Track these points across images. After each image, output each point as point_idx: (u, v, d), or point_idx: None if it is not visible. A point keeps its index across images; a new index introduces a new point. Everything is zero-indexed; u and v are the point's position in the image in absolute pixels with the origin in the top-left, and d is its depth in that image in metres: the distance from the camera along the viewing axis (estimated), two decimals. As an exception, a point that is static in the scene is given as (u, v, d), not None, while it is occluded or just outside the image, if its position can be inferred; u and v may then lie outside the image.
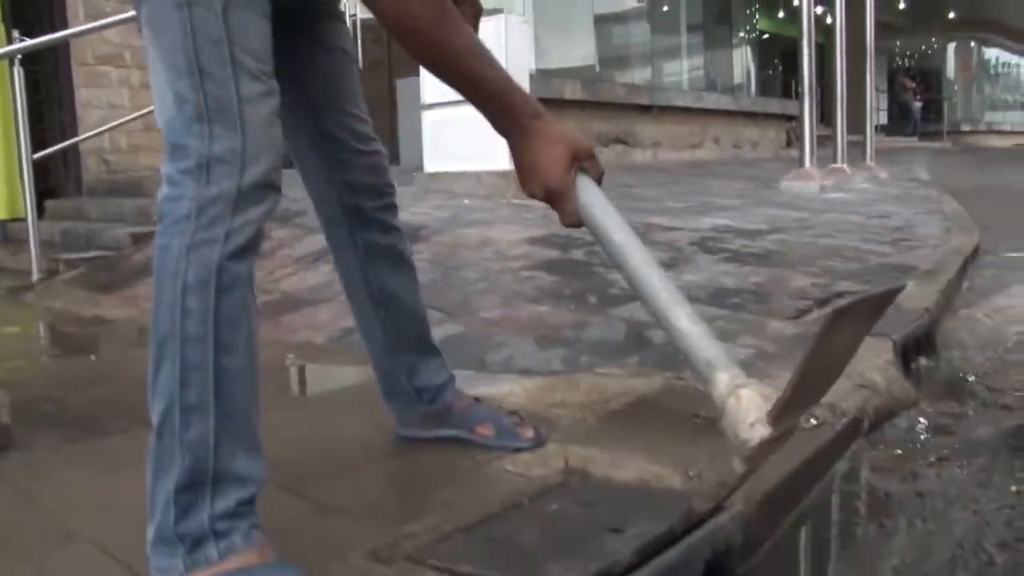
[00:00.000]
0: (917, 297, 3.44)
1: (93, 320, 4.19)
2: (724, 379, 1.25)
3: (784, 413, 1.15)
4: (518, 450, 1.93)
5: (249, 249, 1.37)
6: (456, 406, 2.04)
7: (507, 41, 5.81)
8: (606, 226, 1.45)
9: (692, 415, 2.16)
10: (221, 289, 1.30)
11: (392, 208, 1.97)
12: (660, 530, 1.45)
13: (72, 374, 3.16)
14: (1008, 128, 26.48)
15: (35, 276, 5.33)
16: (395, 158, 8.52)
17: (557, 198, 1.47)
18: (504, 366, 2.72)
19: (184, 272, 1.29)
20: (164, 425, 1.32)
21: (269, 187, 1.37)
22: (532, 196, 1.50)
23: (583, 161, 1.48)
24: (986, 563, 1.51)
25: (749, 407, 1.17)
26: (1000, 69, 32.71)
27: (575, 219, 1.48)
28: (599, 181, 1.50)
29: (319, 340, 3.24)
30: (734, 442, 1.20)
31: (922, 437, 2.27)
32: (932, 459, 2.08)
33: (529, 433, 1.98)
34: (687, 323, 1.33)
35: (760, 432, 1.15)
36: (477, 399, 2.11)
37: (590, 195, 1.47)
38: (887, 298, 1.25)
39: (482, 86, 1.46)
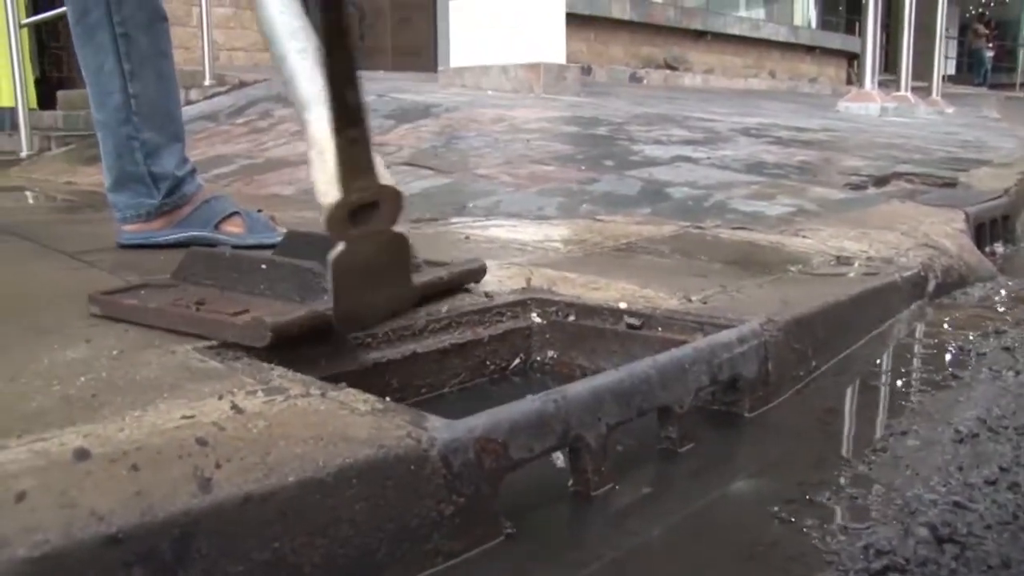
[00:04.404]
0: (993, 178, 2.91)
1: (61, 185, 3.80)
2: (321, 120, 0.98)
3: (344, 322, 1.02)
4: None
5: None
6: (196, 199, 1.68)
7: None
8: None
9: (710, 258, 1.69)
10: None
11: None
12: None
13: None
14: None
15: (24, 153, 5.18)
16: (432, 63, 7.96)
17: None
18: (487, 211, 2.24)
19: None
20: None
21: None
22: None
23: None
24: (1117, 413, 1.03)
25: (327, 169, 0.94)
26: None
27: None
28: None
29: (287, 192, 2.80)
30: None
31: (1003, 304, 1.77)
32: (1021, 318, 1.58)
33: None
34: (295, 58, 1.07)
35: (327, 198, 0.94)
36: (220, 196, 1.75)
37: None
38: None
39: None
